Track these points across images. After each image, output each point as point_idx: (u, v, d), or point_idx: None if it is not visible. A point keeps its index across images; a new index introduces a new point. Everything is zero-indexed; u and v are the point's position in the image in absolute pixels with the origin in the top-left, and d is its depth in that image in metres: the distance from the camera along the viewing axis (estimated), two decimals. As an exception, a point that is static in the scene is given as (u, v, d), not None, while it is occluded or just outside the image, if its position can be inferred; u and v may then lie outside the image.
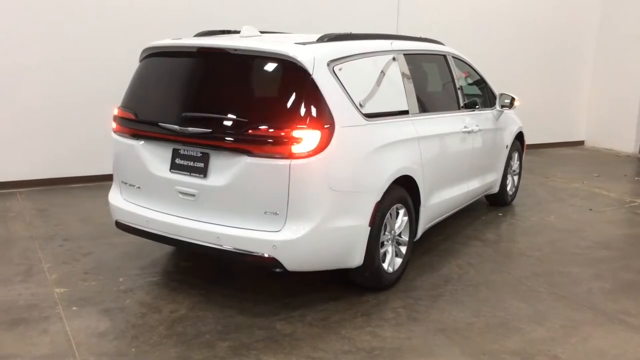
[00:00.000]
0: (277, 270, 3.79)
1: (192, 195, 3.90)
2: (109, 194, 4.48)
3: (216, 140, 3.81)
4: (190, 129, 3.86)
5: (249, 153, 3.69)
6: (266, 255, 3.71)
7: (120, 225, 4.35)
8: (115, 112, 4.37)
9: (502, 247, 5.53)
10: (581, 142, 11.58)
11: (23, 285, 4.28)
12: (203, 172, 3.87)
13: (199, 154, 3.89)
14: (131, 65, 4.53)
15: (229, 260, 4.61)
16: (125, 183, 4.30)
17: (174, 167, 4.00)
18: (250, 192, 3.73)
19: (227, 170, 3.77)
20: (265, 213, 3.69)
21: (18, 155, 6.82)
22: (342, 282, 4.32)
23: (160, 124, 4.00)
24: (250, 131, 3.69)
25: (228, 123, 3.82)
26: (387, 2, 8.87)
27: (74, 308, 3.94)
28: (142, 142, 4.13)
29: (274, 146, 3.64)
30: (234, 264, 4.72)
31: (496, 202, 6.75)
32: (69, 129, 7.00)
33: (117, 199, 4.37)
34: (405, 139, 4.44)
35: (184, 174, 3.94)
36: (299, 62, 3.75)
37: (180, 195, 3.95)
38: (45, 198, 6.58)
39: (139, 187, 4.20)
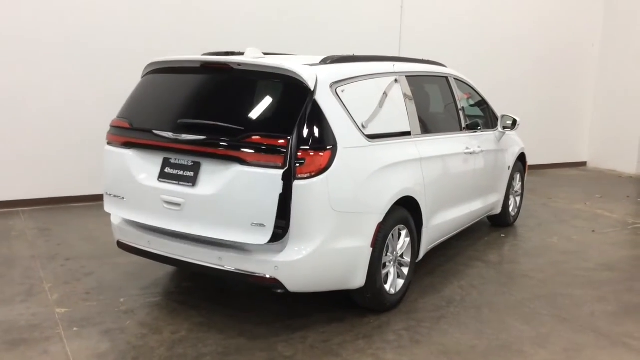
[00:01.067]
0: (279, 291, 3.78)
1: (178, 204, 3.87)
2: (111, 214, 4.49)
3: (209, 147, 3.78)
4: (184, 135, 3.84)
5: (242, 162, 3.66)
6: (268, 276, 3.71)
7: (122, 245, 4.35)
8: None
9: (505, 269, 5.51)
10: (583, 163, 11.60)
11: (24, 305, 4.27)
12: (192, 181, 3.84)
13: (190, 163, 3.87)
14: (130, 86, 4.56)
15: (231, 280, 4.59)
16: (110, 194, 4.26)
17: (163, 176, 3.98)
18: (238, 201, 3.66)
19: (217, 179, 3.74)
20: (252, 225, 3.62)
21: (21, 174, 6.85)
22: (344, 303, 4.31)
23: (154, 131, 3.98)
24: (246, 140, 3.68)
25: (224, 134, 3.77)
26: (390, 31, 8.96)
27: (75, 328, 3.93)
28: (133, 151, 4.12)
29: (268, 155, 3.61)
30: (235, 284, 4.71)
31: (498, 223, 6.74)
32: (71, 149, 7.04)
33: (119, 218, 4.37)
34: (408, 160, 4.45)
35: (172, 183, 3.92)
36: (304, 82, 3.78)
37: (165, 206, 3.93)
38: (48, 217, 6.59)
39: (122, 198, 4.16)
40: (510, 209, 6.76)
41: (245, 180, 3.65)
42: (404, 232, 4.42)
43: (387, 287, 4.26)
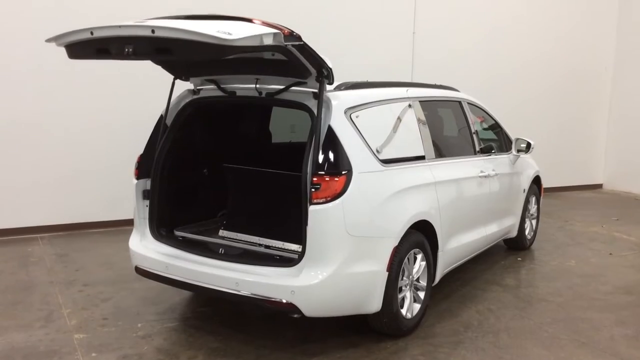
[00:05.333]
0: (295, 315, 3.79)
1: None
2: (129, 239, 4.53)
3: None
4: None
5: None
6: (284, 301, 3.72)
7: (139, 271, 4.39)
8: None
9: (522, 293, 5.46)
10: (599, 185, 11.52)
11: (43, 330, 4.31)
12: None
13: None
14: (150, 113, 4.65)
15: (248, 305, 4.59)
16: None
17: None
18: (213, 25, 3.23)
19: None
20: (218, 31, 3.09)
21: (40, 200, 6.95)
22: (360, 328, 4.29)
23: None
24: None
25: None
26: (402, 56, 9.05)
27: (93, 354, 3.95)
28: None
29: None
30: (251, 309, 4.71)
31: (515, 246, 6.71)
32: (89, 175, 7.14)
33: (137, 244, 4.42)
34: (422, 184, 4.47)
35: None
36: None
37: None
38: (66, 243, 6.66)
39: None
40: (527, 232, 6.73)
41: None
42: (419, 256, 4.42)
43: (403, 311, 4.25)
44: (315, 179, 3.71)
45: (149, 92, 6.80)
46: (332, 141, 3.82)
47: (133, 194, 4.48)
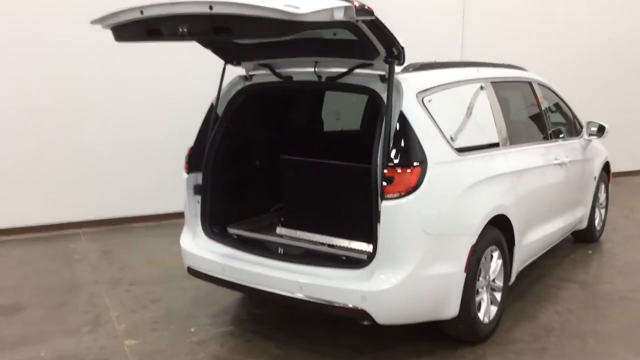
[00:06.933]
0: (365, 323, 3.43)
1: None
2: (180, 237, 4.22)
3: None
4: None
5: None
6: (355, 307, 3.36)
7: (192, 272, 4.08)
8: None
9: (600, 290, 5.01)
10: (658, 170, 10.87)
11: (91, 336, 4.03)
12: None
13: None
14: (194, 106, 4.33)
15: (312, 311, 4.19)
16: None
17: None
18: None
19: None
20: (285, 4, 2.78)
21: (81, 195, 6.70)
22: (430, 333, 3.91)
23: None
24: None
25: None
26: (451, 40, 8.59)
27: (147, 363, 3.67)
28: None
29: None
30: (308, 313, 4.34)
31: (583, 238, 6.23)
32: (130, 169, 6.86)
33: (189, 243, 4.10)
34: (498, 174, 4.05)
35: None
36: None
37: None
38: (109, 239, 6.41)
39: None
40: (596, 222, 6.25)
41: None
42: (496, 254, 4.01)
43: (480, 315, 3.86)
44: (386, 171, 3.33)
45: (195, 80, 6.47)
46: (404, 129, 3.43)
47: (184, 189, 4.16)
